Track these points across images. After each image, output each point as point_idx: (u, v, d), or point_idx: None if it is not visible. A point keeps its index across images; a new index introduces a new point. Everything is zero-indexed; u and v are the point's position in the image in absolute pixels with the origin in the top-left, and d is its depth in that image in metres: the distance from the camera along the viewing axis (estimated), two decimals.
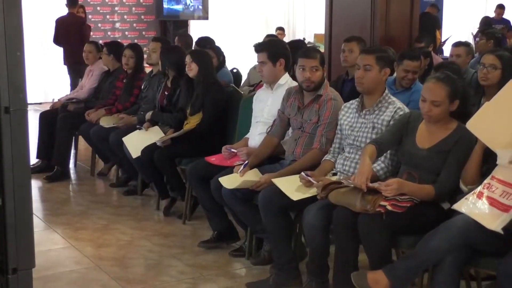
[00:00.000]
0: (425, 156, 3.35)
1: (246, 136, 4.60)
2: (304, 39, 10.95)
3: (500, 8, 13.67)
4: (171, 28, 12.13)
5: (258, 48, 4.43)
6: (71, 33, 9.30)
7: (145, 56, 6.54)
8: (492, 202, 2.97)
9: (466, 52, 5.63)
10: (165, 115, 5.46)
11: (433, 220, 3.18)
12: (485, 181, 3.06)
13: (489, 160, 3.14)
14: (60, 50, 10.67)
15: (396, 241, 3.31)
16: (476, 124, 3.13)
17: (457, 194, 3.23)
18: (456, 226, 2.97)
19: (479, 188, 3.06)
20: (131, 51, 6.27)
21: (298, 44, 6.17)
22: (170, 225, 5.05)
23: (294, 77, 4.33)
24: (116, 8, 11.79)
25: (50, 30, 11.37)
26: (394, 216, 3.19)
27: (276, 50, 4.40)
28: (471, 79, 5.17)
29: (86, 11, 10.87)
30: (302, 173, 3.72)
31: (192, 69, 5.03)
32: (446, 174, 3.28)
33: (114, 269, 4.16)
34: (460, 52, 5.67)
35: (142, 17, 12.36)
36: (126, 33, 11.73)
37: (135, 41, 10.85)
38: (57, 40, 9.50)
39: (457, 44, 5.84)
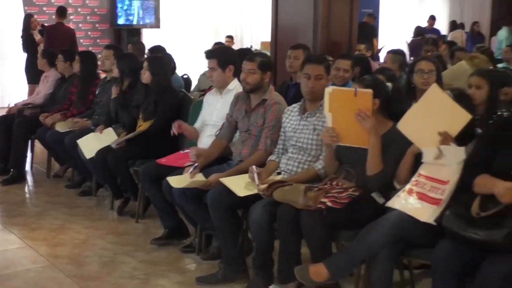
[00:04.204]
0: (361, 153, 3.38)
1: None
2: (251, 46, 11.00)
3: (432, 19, 14.07)
4: (125, 36, 12.01)
5: (209, 54, 4.42)
6: (63, 42, 9.19)
7: (99, 63, 6.46)
8: (422, 197, 3.04)
9: (392, 60, 5.73)
10: (120, 114, 5.41)
11: (370, 214, 3.22)
12: (413, 178, 3.13)
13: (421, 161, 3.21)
14: (17, 57, 10.49)
15: (336, 235, 3.35)
16: (405, 125, 3.21)
17: (391, 190, 3.28)
18: (389, 221, 3.02)
19: (408, 185, 3.12)
20: (78, 57, 6.27)
21: (246, 52, 6.20)
22: (123, 224, 5.00)
23: None
24: (72, 17, 11.59)
25: (5, 37, 11.19)
26: (334, 211, 3.23)
27: (226, 57, 4.40)
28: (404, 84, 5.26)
29: (42, 19, 10.68)
30: (254, 166, 3.73)
31: (145, 77, 4.97)
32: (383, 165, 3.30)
33: (69, 267, 4.09)
34: (387, 59, 5.82)
35: (97, 25, 12.20)
36: (81, 40, 11.54)
37: (90, 48, 10.70)
38: (49, 47, 9.19)
39: (390, 52, 5.97)
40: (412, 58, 10.15)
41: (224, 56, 4.42)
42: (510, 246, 2.62)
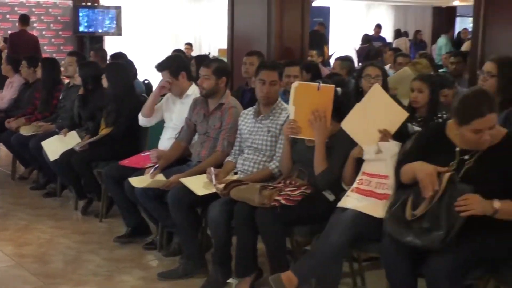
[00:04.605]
0: (312, 153, 3.39)
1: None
2: (209, 53, 10.98)
3: (378, 27, 14.30)
4: (87, 43, 11.85)
5: (159, 68, 4.39)
6: (26, 48, 9.00)
7: (62, 69, 6.38)
8: (372, 194, 3.05)
9: (340, 66, 5.82)
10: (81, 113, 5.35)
11: (321, 211, 3.25)
12: (358, 178, 3.15)
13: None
14: None
15: (290, 230, 3.36)
16: (348, 124, 3.24)
17: (340, 190, 3.31)
18: (345, 221, 2.99)
19: (354, 185, 3.14)
20: (41, 64, 6.21)
21: (203, 58, 6.19)
22: (87, 223, 4.94)
23: None
24: (35, 25, 11.39)
25: None
26: (287, 209, 3.25)
27: (175, 66, 4.38)
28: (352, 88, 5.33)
29: (5, 26, 10.46)
30: (212, 168, 3.73)
31: (104, 82, 4.98)
32: (330, 164, 3.34)
33: (35, 265, 4.02)
34: (335, 66, 5.92)
35: (60, 33, 12.03)
36: (45, 47, 11.35)
37: (53, 55, 10.53)
38: (13, 53, 8.97)
39: (338, 59, 6.06)
40: (360, 64, 10.30)
41: (173, 65, 4.38)
42: (448, 248, 2.61)
